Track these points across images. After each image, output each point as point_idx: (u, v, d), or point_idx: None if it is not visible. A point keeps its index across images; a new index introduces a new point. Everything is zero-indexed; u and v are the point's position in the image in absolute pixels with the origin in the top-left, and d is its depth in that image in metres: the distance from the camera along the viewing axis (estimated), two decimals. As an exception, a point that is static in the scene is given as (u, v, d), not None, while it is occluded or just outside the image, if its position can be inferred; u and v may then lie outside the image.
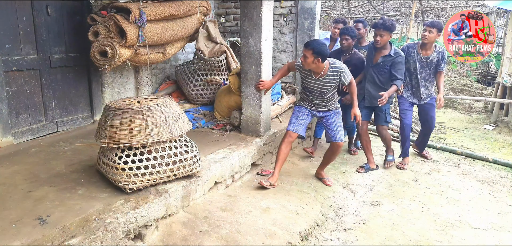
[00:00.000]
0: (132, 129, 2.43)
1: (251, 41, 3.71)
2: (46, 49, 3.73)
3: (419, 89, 4.24)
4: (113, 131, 2.45)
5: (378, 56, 3.95)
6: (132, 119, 2.45)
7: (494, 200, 3.59)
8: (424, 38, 4.02)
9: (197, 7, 4.44)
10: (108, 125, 2.48)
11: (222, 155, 3.32)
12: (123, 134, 2.43)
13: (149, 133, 2.46)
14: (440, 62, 4.11)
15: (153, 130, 2.48)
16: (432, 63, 4.14)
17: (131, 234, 2.29)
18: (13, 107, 3.50)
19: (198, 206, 2.86)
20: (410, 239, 2.88)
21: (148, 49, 3.94)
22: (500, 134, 5.97)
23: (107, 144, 2.45)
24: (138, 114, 2.47)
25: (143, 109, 2.49)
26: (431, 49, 4.10)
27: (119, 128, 2.45)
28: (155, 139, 2.48)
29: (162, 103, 2.61)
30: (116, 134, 2.44)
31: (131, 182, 2.45)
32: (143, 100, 2.64)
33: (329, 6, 9.93)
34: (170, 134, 2.54)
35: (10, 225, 2.09)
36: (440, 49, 4.11)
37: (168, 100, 2.70)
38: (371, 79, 4.07)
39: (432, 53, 4.10)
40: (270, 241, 2.60)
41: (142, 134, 2.45)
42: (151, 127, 2.47)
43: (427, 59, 4.12)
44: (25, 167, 2.92)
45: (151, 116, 2.49)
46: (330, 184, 3.68)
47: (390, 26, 3.82)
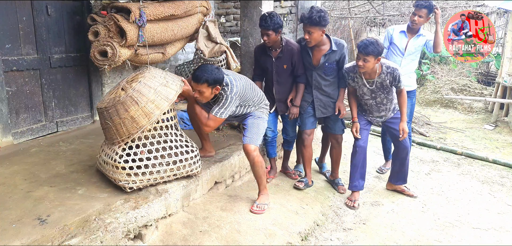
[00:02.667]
0: (133, 118, 2.42)
1: (251, 41, 3.71)
2: (46, 49, 3.73)
3: (377, 112, 3.39)
4: (119, 127, 2.44)
5: (318, 56, 3.26)
6: (127, 108, 2.43)
7: (494, 200, 3.59)
8: (360, 68, 3.08)
9: (197, 7, 4.44)
10: (111, 125, 2.48)
11: (222, 155, 3.32)
12: (129, 125, 2.42)
13: (150, 112, 2.44)
14: (393, 83, 3.17)
15: (151, 107, 2.45)
16: (383, 85, 3.20)
17: (131, 234, 2.28)
18: (13, 107, 3.50)
19: (198, 206, 2.86)
20: (410, 239, 2.88)
21: (148, 49, 3.94)
22: (500, 134, 5.97)
23: (122, 141, 2.45)
24: (129, 100, 2.43)
25: (131, 94, 2.44)
26: (374, 73, 3.15)
27: (122, 123, 2.43)
28: (157, 113, 2.45)
29: (143, 77, 2.52)
30: (123, 129, 2.43)
31: (131, 181, 2.45)
32: (125, 84, 2.55)
33: (329, 6, 9.93)
34: (168, 100, 2.51)
35: (10, 225, 2.08)
36: (388, 69, 3.13)
37: (147, 71, 2.60)
38: (317, 85, 3.37)
39: (378, 75, 3.15)
40: (270, 241, 2.60)
41: (144, 116, 2.43)
42: (148, 105, 2.44)
43: (373, 84, 3.20)
44: (25, 167, 2.92)
45: (142, 96, 2.44)
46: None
47: (318, 20, 3.02)
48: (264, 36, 3.18)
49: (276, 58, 3.35)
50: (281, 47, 3.32)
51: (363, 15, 10.01)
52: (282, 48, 3.32)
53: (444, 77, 9.11)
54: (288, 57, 3.33)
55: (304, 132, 3.42)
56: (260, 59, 3.43)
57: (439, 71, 9.52)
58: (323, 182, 3.78)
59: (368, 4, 9.55)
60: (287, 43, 3.34)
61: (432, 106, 8.06)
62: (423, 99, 8.46)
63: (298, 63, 3.34)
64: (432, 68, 9.73)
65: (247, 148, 2.88)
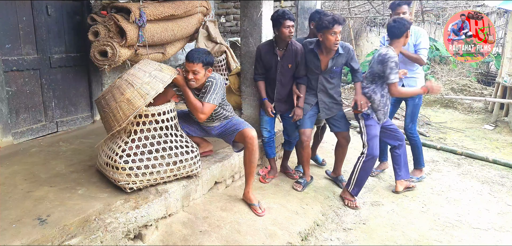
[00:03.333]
0: (129, 100, 2.43)
1: (251, 41, 3.71)
2: (46, 49, 3.73)
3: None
4: (115, 112, 2.45)
5: (326, 60, 3.26)
6: (123, 91, 2.44)
7: (494, 200, 3.59)
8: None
9: (197, 7, 4.44)
10: (108, 112, 2.48)
11: (222, 155, 3.32)
12: (125, 108, 2.43)
13: (145, 92, 2.45)
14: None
15: (147, 88, 2.46)
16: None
17: (131, 234, 2.28)
18: (13, 107, 3.50)
19: (198, 206, 2.86)
20: (410, 239, 2.88)
21: (148, 49, 3.94)
22: (500, 134, 5.97)
23: (120, 127, 2.45)
24: (125, 84, 2.46)
25: (126, 78, 2.49)
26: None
27: (118, 106, 2.44)
28: (153, 94, 2.46)
29: (139, 64, 2.61)
30: (119, 113, 2.44)
31: (131, 182, 2.45)
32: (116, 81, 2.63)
33: (329, 6, 9.94)
34: (163, 82, 2.53)
35: (10, 225, 2.09)
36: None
37: (143, 61, 2.70)
38: (323, 88, 3.39)
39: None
40: (270, 241, 2.60)
41: (140, 97, 2.43)
42: (143, 87, 2.46)
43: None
44: (25, 167, 2.92)
45: (137, 79, 2.48)
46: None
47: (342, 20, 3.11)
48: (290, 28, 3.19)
49: (281, 57, 3.34)
50: (287, 45, 3.33)
51: (363, 15, 10.02)
52: (288, 47, 3.33)
53: (444, 77, 9.12)
54: (293, 56, 3.33)
55: (303, 132, 3.42)
56: (265, 58, 3.41)
57: (439, 71, 9.53)
58: (323, 181, 3.78)
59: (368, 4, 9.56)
60: (292, 42, 3.34)
61: (432, 106, 8.06)
62: (423, 99, 8.44)
63: (300, 64, 3.34)
64: (432, 68, 9.73)
65: (250, 132, 2.89)
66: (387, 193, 3.67)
